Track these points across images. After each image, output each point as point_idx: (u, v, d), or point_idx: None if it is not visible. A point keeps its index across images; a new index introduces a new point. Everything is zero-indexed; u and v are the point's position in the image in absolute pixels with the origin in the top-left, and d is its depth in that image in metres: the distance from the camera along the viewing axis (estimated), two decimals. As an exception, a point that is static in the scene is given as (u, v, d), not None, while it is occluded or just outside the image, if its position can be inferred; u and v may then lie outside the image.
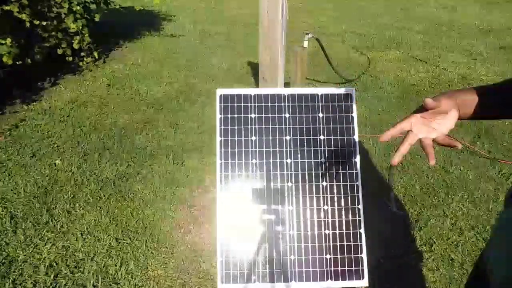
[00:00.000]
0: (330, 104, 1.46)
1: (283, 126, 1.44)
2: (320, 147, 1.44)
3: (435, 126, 0.86)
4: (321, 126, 1.45)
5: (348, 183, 1.42)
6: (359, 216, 1.41)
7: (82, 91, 3.75)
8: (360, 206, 1.41)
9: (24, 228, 2.09)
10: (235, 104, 1.46)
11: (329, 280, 1.36)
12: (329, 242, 1.39)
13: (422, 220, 2.16)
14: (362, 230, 1.40)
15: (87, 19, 3.98)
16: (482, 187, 2.43)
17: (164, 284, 1.79)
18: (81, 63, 4.13)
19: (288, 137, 1.44)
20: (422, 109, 0.86)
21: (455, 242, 2.02)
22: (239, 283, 1.36)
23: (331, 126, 1.45)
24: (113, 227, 2.11)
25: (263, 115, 1.45)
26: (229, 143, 1.43)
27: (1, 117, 3.24)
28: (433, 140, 0.86)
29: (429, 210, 2.24)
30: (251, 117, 1.45)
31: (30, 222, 2.13)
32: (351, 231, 1.40)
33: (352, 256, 1.38)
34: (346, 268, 1.37)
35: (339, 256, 1.38)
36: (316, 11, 7.38)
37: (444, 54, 4.91)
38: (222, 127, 1.44)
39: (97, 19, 4.11)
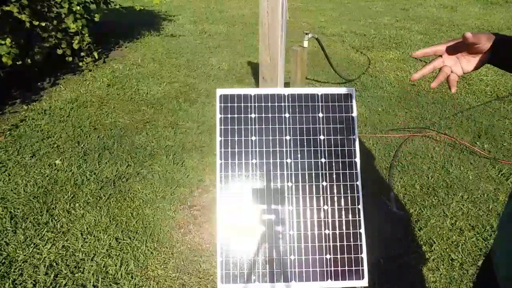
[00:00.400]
0: (330, 104, 1.46)
1: (283, 126, 1.44)
2: (320, 147, 1.44)
3: (464, 63, 0.88)
4: (321, 126, 1.45)
5: (348, 183, 1.42)
6: (359, 216, 1.41)
7: (82, 91, 3.75)
8: (360, 206, 1.41)
9: (24, 228, 2.09)
10: (235, 104, 1.46)
11: (329, 280, 1.36)
12: (329, 242, 1.39)
13: (422, 220, 2.16)
14: (362, 230, 1.40)
15: (87, 19, 3.98)
16: (482, 187, 2.43)
17: (164, 284, 1.80)
18: (81, 63, 4.13)
19: (288, 137, 1.44)
20: (460, 41, 0.87)
21: (455, 242, 2.02)
22: (239, 283, 1.36)
23: (331, 126, 1.45)
24: (113, 227, 2.11)
25: (263, 115, 1.45)
26: (229, 143, 1.43)
27: (1, 117, 3.24)
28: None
29: (429, 210, 2.24)
30: (251, 117, 1.45)
31: (30, 222, 2.13)
32: (351, 231, 1.40)
33: (352, 256, 1.38)
34: (346, 268, 1.37)
35: (339, 256, 1.38)
36: (316, 11, 7.38)
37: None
38: (222, 127, 1.44)
39: (97, 19, 4.11)
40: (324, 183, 1.42)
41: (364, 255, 1.39)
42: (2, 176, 2.50)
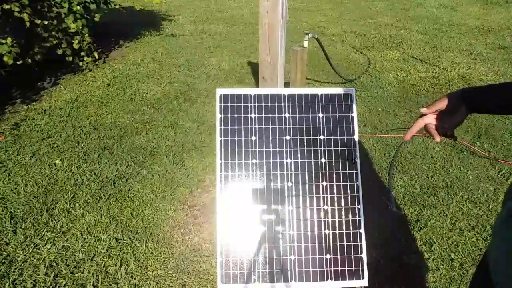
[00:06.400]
0: (330, 104, 1.46)
1: (283, 126, 1.44)
2: (320, 147, 1.44)
3: (443, 122, 0.99)
4: (321, 126, 1.45)
5: (348, 183, 1.42)
6: (359, 216, 1.41)
7: (82, 91, 3.75)
8: (360, 206, 1.41)
9: (24, 228, 2.09)
10: (235, 104, 1.46)
11: (329, 280, 1.36)
12: (329, 242, 1.39)
13: (422, 220, 2.16)
14: (362, 230, 1.40)
15: (87, 19, 3.97)
16: (482, 187, 2.43)
17: (164, 284, 1.79)
18: (81, 63, 4.13)
19: (288, 137, 1.44)
20: (432, 110, 1.00)
21: (455, 242, 2.02)
22: (239, 283, 1.36)
23: (331, 126, 1.45)
24: (113, 227, 2.11)
25: (263, 115, 1.45)
26: (229, 143, 1.43)
27: (1, 117, 3.24)
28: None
29: (429, 210, 2.24)
30: (251, 117, 1.45)
31: (30, 222, 2.13)
32: (351, 231, 1.40)
33: (352, 256, 1.38)
34: (346, 268, 1.37)
35: (339, 256, 1.38)
36: (316, 11, 7.38)
37: (444, 54, 4.91)
38: (222, 127, 1.44)
39: (97, 19, 4.10)
40: (324, 183, 1.42)
41: (364, 255, 1.39)
42: (2, 176, 2.50)
